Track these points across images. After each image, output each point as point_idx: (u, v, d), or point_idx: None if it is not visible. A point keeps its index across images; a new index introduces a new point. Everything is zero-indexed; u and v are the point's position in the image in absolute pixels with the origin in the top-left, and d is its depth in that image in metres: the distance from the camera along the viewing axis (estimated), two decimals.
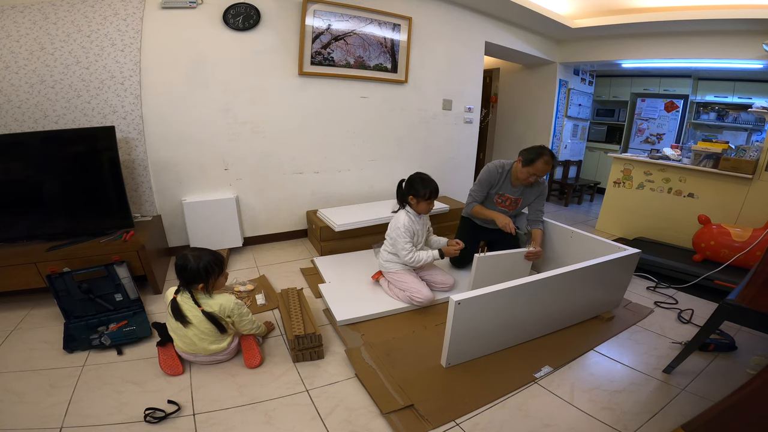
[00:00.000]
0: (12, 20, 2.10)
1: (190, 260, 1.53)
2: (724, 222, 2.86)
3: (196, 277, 1.54)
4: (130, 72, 2.37)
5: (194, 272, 1.53)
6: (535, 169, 2.30)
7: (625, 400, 1.54)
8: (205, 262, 1.55)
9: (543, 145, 2.36)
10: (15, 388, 1.49)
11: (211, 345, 1.59)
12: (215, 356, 1.63)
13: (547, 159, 2.28)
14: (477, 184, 2.56)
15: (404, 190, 2.21)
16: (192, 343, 1.57)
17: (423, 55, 3.42)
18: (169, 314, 1.58)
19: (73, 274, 1.92)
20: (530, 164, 2.31)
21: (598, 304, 2.12)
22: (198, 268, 1.53)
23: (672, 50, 3.96)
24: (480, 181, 2.53)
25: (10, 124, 2.20)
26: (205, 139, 2.69)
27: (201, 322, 1.56)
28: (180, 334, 1.58)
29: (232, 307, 1.61)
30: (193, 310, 1.55)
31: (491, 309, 1.63)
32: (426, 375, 1.62)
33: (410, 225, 2.17)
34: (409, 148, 3.62)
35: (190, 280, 1.55)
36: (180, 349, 1.61)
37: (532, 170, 2.31)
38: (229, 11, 2.53)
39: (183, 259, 1.55)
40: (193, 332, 1.56)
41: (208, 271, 1.55)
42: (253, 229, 3.07)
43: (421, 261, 2.17)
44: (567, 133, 5.22)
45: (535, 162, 2.28)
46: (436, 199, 3.50)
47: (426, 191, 2.13)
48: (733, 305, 1.47)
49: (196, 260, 1.54)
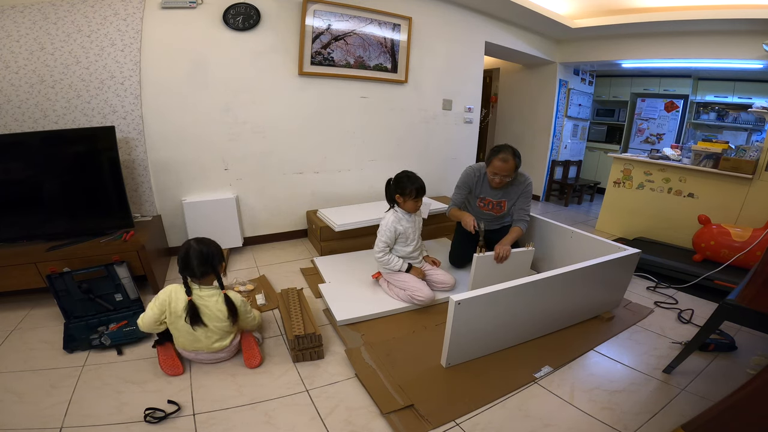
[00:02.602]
0: (12, 20, 2.10)
1: (204, 246, 1.57)
2: (724, 222, 2.86)
3: (216, 259, 1.57)
4: (130, 72, 2.37)
5: (215, 254, 1.57)
6: (494, 167, 2.25)
7: (625, 400, 1.54)
8: (214, 246, 1.61)
9: (504, 144, 2.29)
10: (15, 388, 1.49)
11: (215, 343, 1.60)
12: (217, 354, 1.63)
13: (504, 156, 2.21)
14: (456, 188, 2.52)
15: (392, 188, 2.21)
16: (197, 340, 1.57)
17: (423, 55, 3.42)
18: (178, 316, 1.55)
19: (73, 274, 1.93)
20: (488, 164, 2.29)
21: (598, 304, 2.12)
22: (216, 252, 1.58)
23: (672, 50, 3.96)
24: (458, 185, 2.50)
25: (10, 124, 2.21)
26: (205, 139, 2.69)
27: (217, 313, 1.56)
28: (184, 331, 1.56)
29: (240, 300, 1.65)
30: (215, 296, 1.57)
31: (491, 309, 1.64)
32: (426, 375, 1.62)
33: (393, 224, 2.18)
34: (409, 148, 3.62)
35: (206, 268, 1.55)
36: (182, 347, 1.61)
37: (492, 170, 2.27)
38: (229, 11, 2.53)
39: (198, 246, 1.55)
40: (203, 329, 1.56)
41: (221, 254, 1.62)
42: (253, 229, 3.07)
43: (390, 265, 2.18)
44: (567, 133, 5.21)
45: (492, 160, 2.25)
46: (436, 199, 3.55)
47: (412, 189, 2.13)
48: (733, 305, 1.47)
49: (207, 245, 1.58)
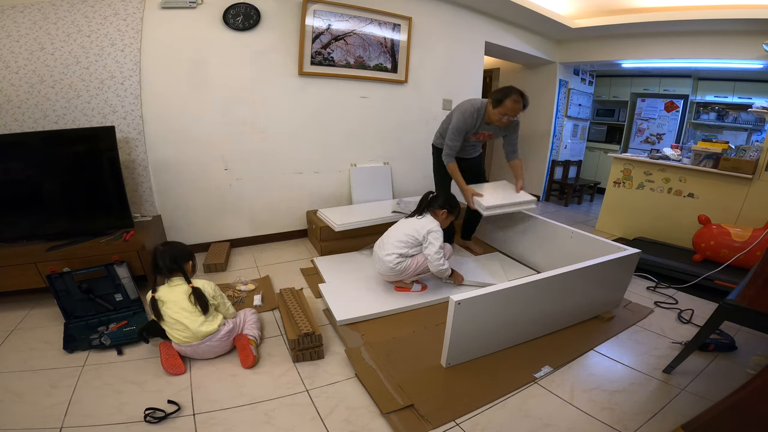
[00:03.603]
0: (12, 20, 2.10)
1: (168, 247, 1.75)
2: (724, 222, 2.85)
3: (181, 257, 1.72)
4: (130, 72, 2.37)
5: (181, 252, 1.74)
6: (505, 108, 2.30)
7: (625, 400, 1.54)
8: (179, 247, 1.78)
9: (509, 86, 2.34)
10: (15, 388, 1.49)
11: (202, 326, 1.62)
12: (210, 342, 1.64)
13: (516, 98, 2.27)
14: (454, 132, 2.44)
15: (441, 203, 2.25)
16: (185, 328, 1.60)
17: (423, 55, 3.42)
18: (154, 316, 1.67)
19: (73, 274, 1.92)
20: (499, 104, 2.32)
21: (598, 304, 2.12)
22: (180, 252, 1.74)
23: (672, 50, 3.96)
24: (457, 129, 2.43)
25: (10, 124, 2.20)
26: (205, 139, 2.69)
27: (181, 302, 1.64)
28: (175, 327, 1.61)
29: (213, 287, 1.75)
30: (182, 286, 1.67)
31: (491, 309, 1.64)
32: (426, 375, 1.62)
33: (438, 228, 2.20)
34: (409, 148, 3.61)
35: (173, 266, 1.69)
36: (178, 342, 1.62)
37: (502, 110, 2.32)
38: (229, 11, 2.54)
39: (163, 247, 1.75)
40: (181, 315, 1.62)
41: (189, 253, 1.79)
42: (253, 229, 3.07)
43: (445, 268, 2.17)
44: (567, 133, 5.21)
45: (504, 101, 2.29)
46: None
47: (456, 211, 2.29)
48: (733, 305, 1.47)
49: (173, 246, 1.77)
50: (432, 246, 2.11)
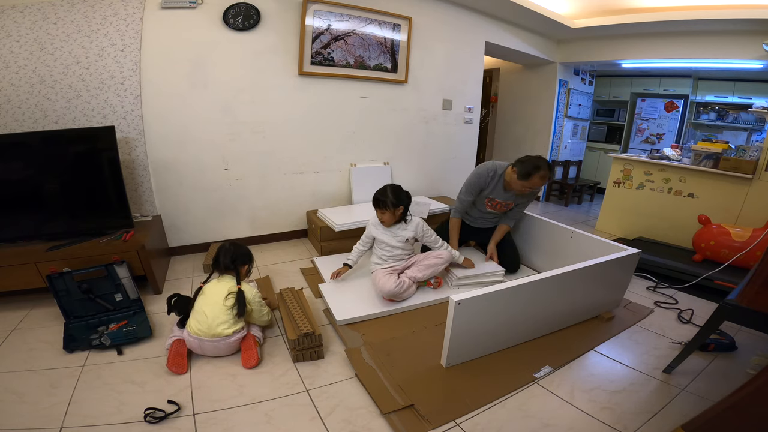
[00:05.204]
0: (12, 20, 2.10)
1: (234, 247, 1.84)
2: (724, 222, 2.86)
3: (240, 260, 1.82)
4: (130, 72, 2.37)
5: (242, 255, 1.84)
6: (531, 183, 2.21)
7: (625, 400, 1.54)
8: (243, 250, 1.87)
9: (539, 157, 2.24)
10: (15, 388, 1.48)
11: (219, 326, 1.64)
12: (217, 343, 1.64)
13: (543, 173, 2.18)
14: (466, 187, 2.45)
15: (393, 201, 2.20)
16: (204, 319, 1.64)
17: (423, 55, 3.42)
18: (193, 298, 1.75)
19: (73, 274, 1.92)
20: (526, 178, 2.20)
21: (598, 304, 2.12)
22: (243, 254, 1.85)
23: (672, 50, 3.96)
24: (470, 185, 2.43)
25: (10, 124, 2.20)
26: (205, 139, 2.69)
27: (216, 298, 1.68)
28: (196, 315, 1.66)
29: (255, 293, 1.80)
30: (227, 284, 1.73)
31: (491, 309, 1.63)
32: (426, 375, 1.62)
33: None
34: (409, 148, 3.62)
35: (230, 265, 1.78)
36: (191, 332, 1.64)
37: (528, 184, 2.22)
38: (229, 11, 2.53)
39: (229, 246, 1.84)
40: (209, 307, 1.66)
41: (250, 257, 1.90)
42: (253, 229, 3.07)
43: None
44: (567, 133, 5.22)
45: (532, 177, 2.18)
46: (436, 199, 3.55)
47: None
48: (733, 305, 1.47)
49: (237, 247, 1.85)
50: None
